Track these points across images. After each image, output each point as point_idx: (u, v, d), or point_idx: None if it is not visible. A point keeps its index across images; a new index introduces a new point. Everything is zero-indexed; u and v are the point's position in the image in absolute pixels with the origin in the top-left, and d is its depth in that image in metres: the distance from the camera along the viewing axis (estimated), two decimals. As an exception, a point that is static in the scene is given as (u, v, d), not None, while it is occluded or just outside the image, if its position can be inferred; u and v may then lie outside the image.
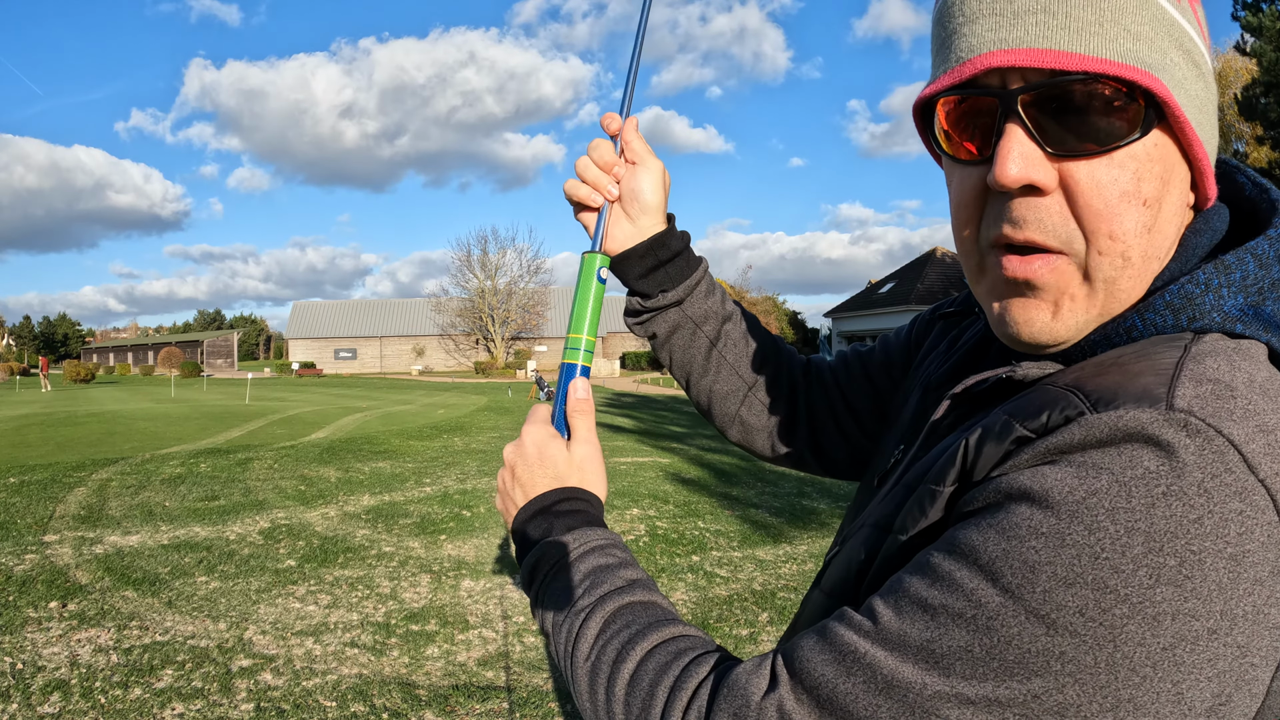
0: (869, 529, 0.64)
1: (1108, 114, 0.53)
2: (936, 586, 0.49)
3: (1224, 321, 0.54)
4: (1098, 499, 0.45)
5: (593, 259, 0.88)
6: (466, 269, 63.97)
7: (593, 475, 0.80)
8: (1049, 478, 0.47)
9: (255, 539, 6.66)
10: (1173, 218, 0.57)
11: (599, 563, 0.71)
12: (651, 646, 0.62)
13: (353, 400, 25.39)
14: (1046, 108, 0.53)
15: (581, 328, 0.87)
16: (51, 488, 8.71)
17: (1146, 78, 0.52)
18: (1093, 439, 0.47)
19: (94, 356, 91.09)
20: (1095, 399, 0.49)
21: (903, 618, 0.49)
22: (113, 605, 4.98)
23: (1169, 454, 0.45)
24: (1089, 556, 0.44)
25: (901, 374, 0.94)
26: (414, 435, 14.22)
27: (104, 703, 3.66)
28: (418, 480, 9.48)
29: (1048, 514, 0.46)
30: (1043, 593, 0.45)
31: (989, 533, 0.48)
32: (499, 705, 3.68)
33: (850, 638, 0.51)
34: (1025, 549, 0.46)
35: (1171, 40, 0.55)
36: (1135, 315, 0.56)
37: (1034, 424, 0.51)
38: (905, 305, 42.45)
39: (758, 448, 1.02)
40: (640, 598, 0.68)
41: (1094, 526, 0.44)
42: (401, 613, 4.89)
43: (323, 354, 67.60)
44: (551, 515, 0.76)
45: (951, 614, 0.47)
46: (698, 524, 7.19)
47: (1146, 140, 0.54)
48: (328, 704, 3.67)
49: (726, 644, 4.42)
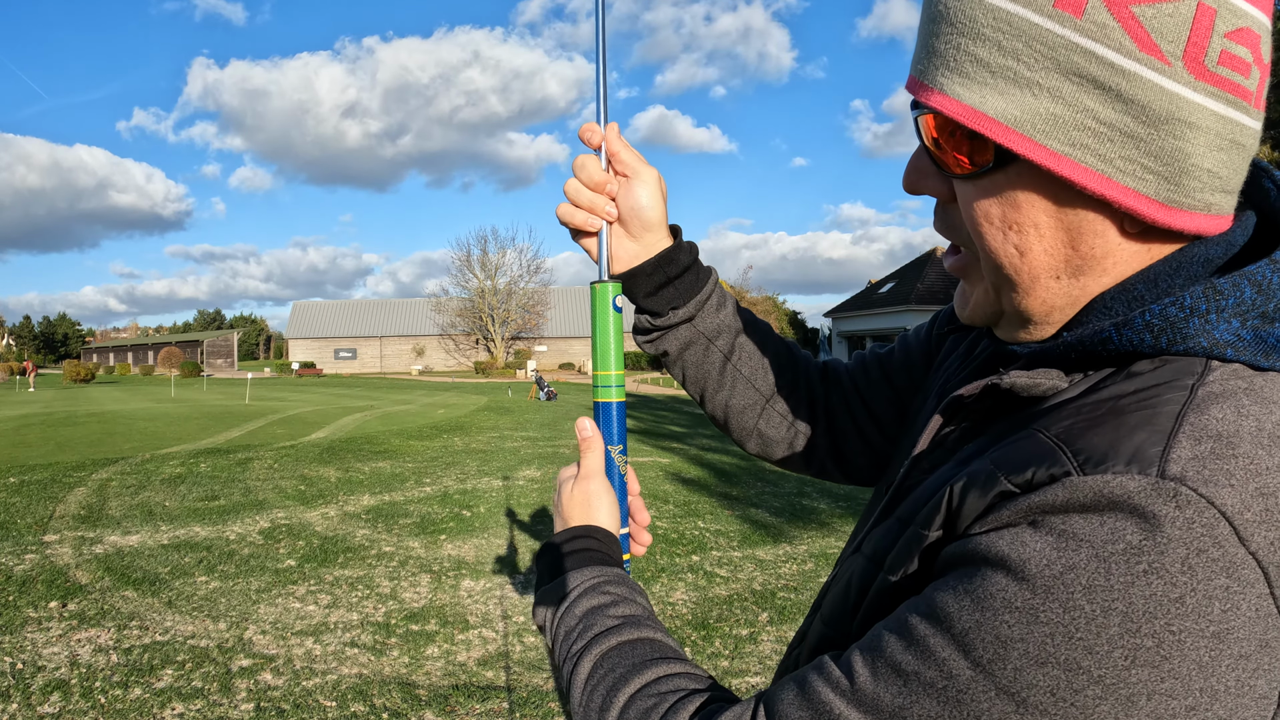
0: (864, 560, 0.64)
1: (959, 146, 0.56)
2: (911, 651, 0.48)
3: (1211, 347, 0.52)
4: (1075, 575, 0.44)
5: (604, 289, 0.84)
6: (466, 269, 64.03)
7: (600, 510, 0.81)
8: (1028, 546, 0.46)
9: (255, 539, 6.66)
10: (1078, 243, 0.55)
11: (592, 604, 0.72)
12: (634, 692, 0.62)
13: (353, 400, 25.39)
14: (930, 131, 0.58)
15: (609, 364, 0.84)
16: (51, 488, 8.71)
17: (977, 119, 0.53)
18: (1076, 503, 0.46)
19: (94, 356, 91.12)
20: (1084, 458, 0.48)
21: (877, 680, 0.49)
22: (113, 605, 4.98)
23: (1153, 528, 0.43)
24: (1063, 635, 0.43)
25: (922, 374, 0.92)
26: (414, 435, 14.22)
27: (104, 703, 3.66)
28: (418, 480, 9.48)
29: (1023, 587, 0.45)
30: (1014, 670, 0.44)
31: (964, 600, 0.47)
32: (499, 705, 3.68)
33: (827, 695, 0.51)
34: (998, 623, 0.45)
35: (1052, 66, 0.51)
36: (1112, 329, 0.54)
37: (1018, 479, 0.50)
38: (905, 305, 42.45)
39: (778, 459, 1.00)
40: (628, 637, 0.68)
41: (1069, 604, 0.43)
42: (401, 613, 4.89)
43: (323, 354, 67.60)
44: (557, 557, 0.78)
45: (923, 683, 0.47)
46: (698, 524, 7.19)
47: (1009, 170, 0.54)
48: (328, 704, 3.67)
49: (726, 644, 4.42)
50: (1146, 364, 0.54)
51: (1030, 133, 0.52)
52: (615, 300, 0.84)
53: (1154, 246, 0.56)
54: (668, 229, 0.90)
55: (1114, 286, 0.56)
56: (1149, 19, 0.49)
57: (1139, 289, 0.56)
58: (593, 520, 0.80)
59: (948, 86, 0.55)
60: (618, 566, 0.78)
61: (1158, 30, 0.49)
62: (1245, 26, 0.51)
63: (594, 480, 0.82)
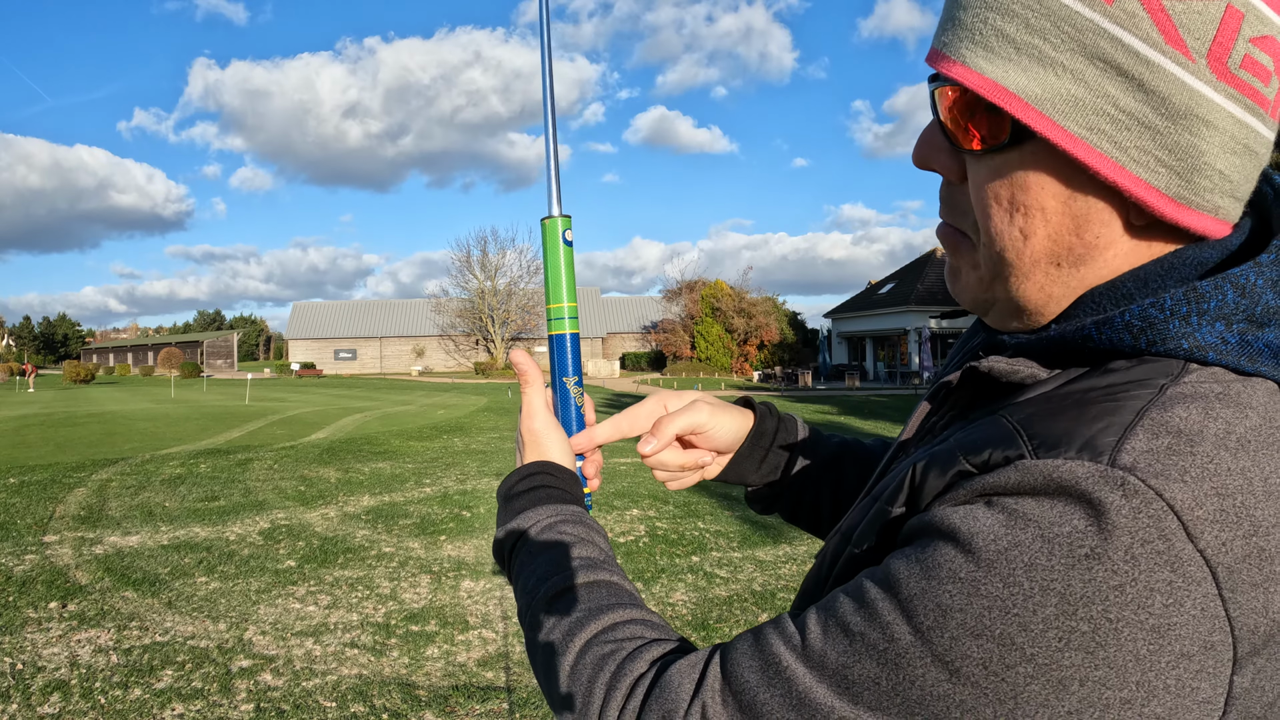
0: (839, 536, 0.64)
1: (977, 121, 0.55)
2: (860, 613, 0.50)
3: (1193, 350, 0.51)
4: (1018, 552, 0.45)
5: (554, 224, 0.83)
6: (467, 270, 64.00)
7: (551, 446, 0.81)
8: (979, 521, 0.47)
9: (255, 539, 6.66)
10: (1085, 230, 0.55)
11: (548, 544, 0.72)
12: (590, 637, 0.63)
13: (353, 401, 25.39)
14: (945, 105, 0.57)
15: (560, 296, 0.85)
16: (51, 488, 8.71)
17: (997, 93, 0.53)
18: (1026, 485, 0.47)
19: (94, 357, 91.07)
20: (1039, 443, 0.49)
21: (827, 638, 0.51)
22: (113, 606, 4.98)
23: (1099, 514, 0.44)
24: (999, 610, 0.44)
25: None
26: (414, 436, 14.22)
27: (104, 703, 3.66)
28: (417, 481, 9.48)
29: (968, 559, 0.46)
30: (950, 639, 0.45)
31: (914, 567, 0.48)
32: (499, 705, 3.68)
33: (779, 648, 0.53)
34: (941, 591, 0.46)
35: (1077, 49, 0.51)
36: (1092, 326, 0.54)
37: (976, 459, 0.51)
38: (905, 306, 42.45)
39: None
40: (585, 579, 0.68)
41: (1010, 580, 0.44)
42: (401, 613, 4.89)
43: (323, 354, 67.59)
44: (511, 496, 0.78)
45: (867, 644, 0.48)
46: (698, 524, 7.19)
47: (1024, 149, 0.54)
48: (328, 704, 3.67)
49: (726, 644, 4.42)
50: (1124, 362, 0.54)
51: (1050, 112, 0.52)
52: (565, 234, 0.84)
53: (1154, 244, 0.56)
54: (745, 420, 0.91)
55: (1105, 283, 0.57)
56: (1178, 13, 0.50)
57: (1128, 286, 0.56)
58: (545, 456, 0.80)
59: (970, 59, 0.54)
60: (576, 504, 0.77)
61: (1185, 26, 0.50)
62: (1270, 35, 0.51)
63: (537, 418, 0.82)
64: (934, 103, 0.59)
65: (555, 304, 0.85)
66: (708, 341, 51.59)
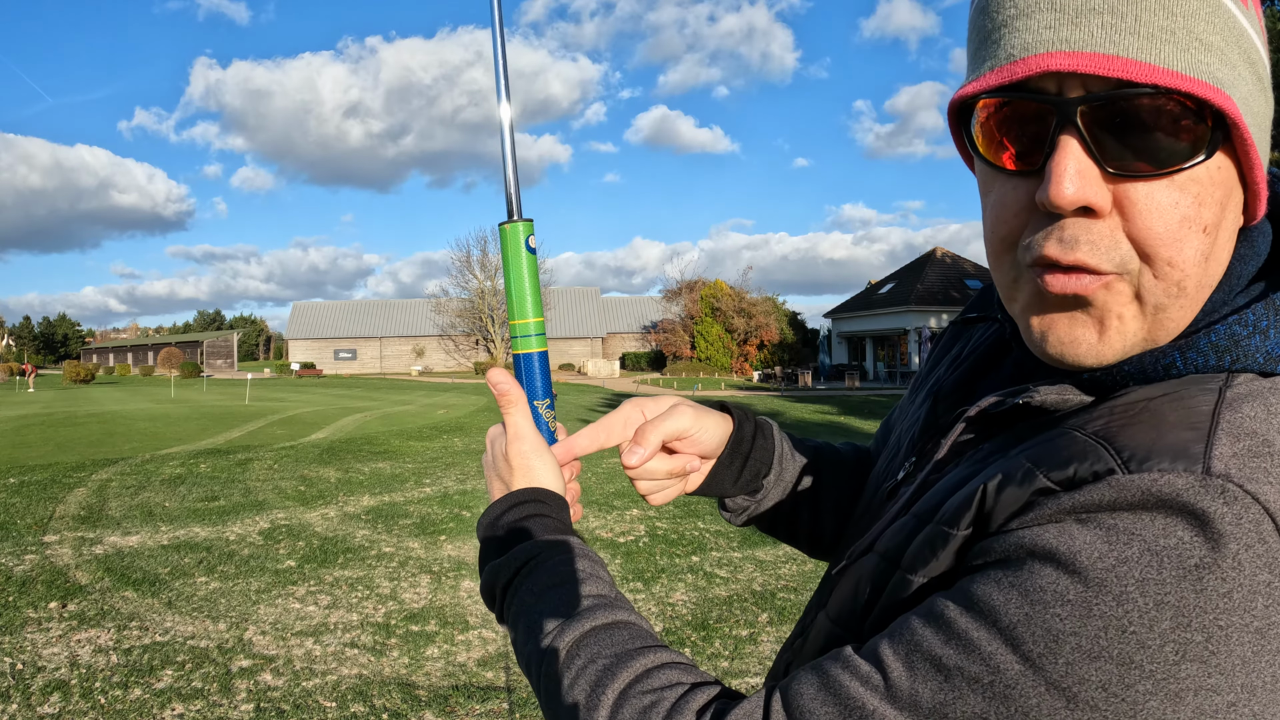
0: (877, 558, 0.61)
1: (1173, 133, 0.48)
2: (952, 645, 0.47)
3: (1266, 363, 0.51)
4: (1128, 568, 0.43)
5: (515, 229, 0.74)
6: (467, 270, 64.00)
7: (540, 472, 0.74)
8: (1077, 539, 0.45)
9: (255, 539, 6.67)
10: (1227, 243, 0.54)
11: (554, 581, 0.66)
12: (623, 688, 0.57)
13: (353, 401, 25.39)
14: (1107, 122, 0.49)
15: (525, 311, 0.75)
16: (51, 488, 8.71)
17: (1219, 96, 0.47)
18: (1124, 501, 0.45)
19: (94, 357, 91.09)
20: (1128, 456, 0.47)
21: (915, 676, 0.47)
22: (112, 606, 4.98)
23: (1204, 524, 0.43)
24: (1116, 629, 0.43)
25: None
26: (414, 436, 14.23)
27: (104, 703, 3.66)
28: (417, 481, 9.48)
29: (1074, 580, 0.44)
30: (1065, 664, 0.43)
31: (1011, 593, 0.46)
32: (499, 706, 3.68)
33: (857, 690, 0.49)
34: (1049, 616, 0.44)
35: (1240, 52, 0.50)
36: (1176, 353, 0.53)
37: (1059, 476, 0.48)
38: (905, 305, 42.47)
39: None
40: (602, 621, 0.63)
41: (1123, 598, 0.43)
42: (401, 613, 4.89)
43: (322, 354, 67.62)
44: (501, 525, 0.71)
45: (967, 678, 0.46)
46: (698, 524, 7.19)
47: (1210, 163, 0.50)
48: (328, 704, 3.67)
49: (726, 645, 4.42)
50: None
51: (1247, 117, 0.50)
52: (528, 240, 0.75)
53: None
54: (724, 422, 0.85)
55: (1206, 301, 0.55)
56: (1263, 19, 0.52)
57: (1215, 299, 0.55)
58: (536, 483, 0.73)
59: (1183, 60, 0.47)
60: (574, 535, 0.71)
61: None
62: None
63: (525, 440, 0.74)
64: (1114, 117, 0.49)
65: (520, 319, 0.76)
66: (708, 341, 51.62)
